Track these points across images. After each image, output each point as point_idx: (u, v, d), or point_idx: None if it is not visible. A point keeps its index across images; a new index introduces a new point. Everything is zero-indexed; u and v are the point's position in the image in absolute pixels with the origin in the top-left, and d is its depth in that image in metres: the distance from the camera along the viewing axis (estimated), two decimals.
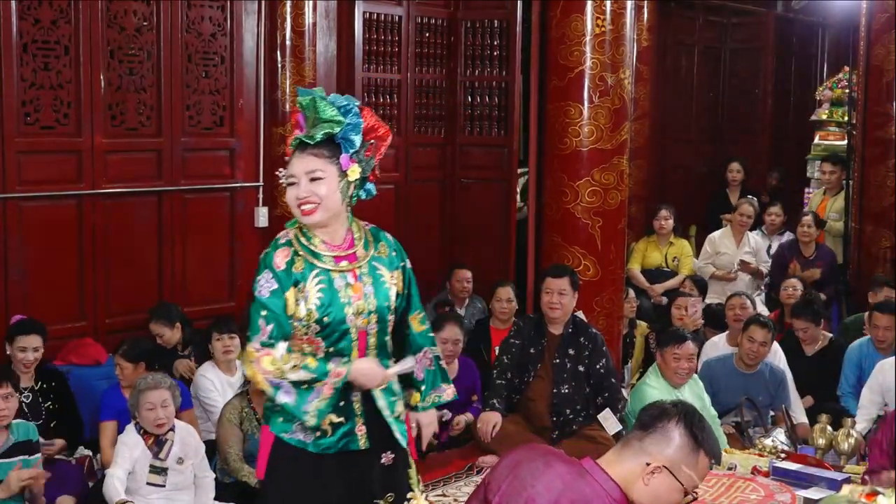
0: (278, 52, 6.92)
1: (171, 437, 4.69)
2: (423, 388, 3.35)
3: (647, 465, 2.55)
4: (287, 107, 6.78)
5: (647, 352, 6.77)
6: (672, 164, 11.21)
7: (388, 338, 3.25)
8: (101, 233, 6.19)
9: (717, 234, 8.66)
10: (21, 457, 4.43)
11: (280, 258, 3.09)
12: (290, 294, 3.07)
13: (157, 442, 4.65)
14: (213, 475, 4.91)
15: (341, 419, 3.13)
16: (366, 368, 3.11)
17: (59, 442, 5.19)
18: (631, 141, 6.18)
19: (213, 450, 5.14)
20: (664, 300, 7.77)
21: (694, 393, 5.40)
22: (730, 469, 4.48)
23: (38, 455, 4.57)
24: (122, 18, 6.22)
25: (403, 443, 3.27)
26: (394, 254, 3.28)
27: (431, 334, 3.43)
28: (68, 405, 5.45)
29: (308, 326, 3.08)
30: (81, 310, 6.14)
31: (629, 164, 6.04)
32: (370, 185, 3.22)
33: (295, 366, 3.03)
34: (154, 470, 4.62)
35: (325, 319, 3.07)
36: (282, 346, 3.05)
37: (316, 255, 3.12)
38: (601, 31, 5.71)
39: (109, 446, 5.01)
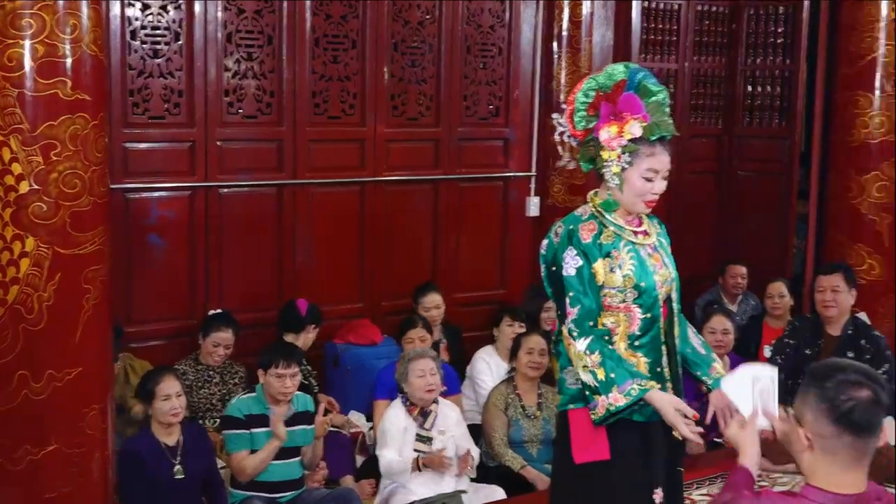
0: (555, 43, 6.94)
1: (435, 409, 4.90)
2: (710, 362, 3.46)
3: None
4: (562, 97, 6.78)
5: None
6: None
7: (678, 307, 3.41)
8: (380, 219, 6.46)
9: None
10: (301, 426, 4.70)
11: (586, 232, 3.25)
12: (599, 265, 3.22)
13: (421, 413, 4.87)
14: (479, 451, 5.05)
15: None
16: (666, 400, 3.14)
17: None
18: None
19: (478, 433, 5.27)
20: None
21: None
22: None
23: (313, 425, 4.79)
24: (407, 12, 6.46)
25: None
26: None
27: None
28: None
29: (625, 293, 3.23)
30: (360, 292, 6.44)
31: None
32: None
33: (586, 366, 3.15)
34: (420, 439, 4.84)
35: (643, 285, 3.23)
36: (582, 343, 3.16)
37: (620, 229, 3.29)
38: None
39: None
